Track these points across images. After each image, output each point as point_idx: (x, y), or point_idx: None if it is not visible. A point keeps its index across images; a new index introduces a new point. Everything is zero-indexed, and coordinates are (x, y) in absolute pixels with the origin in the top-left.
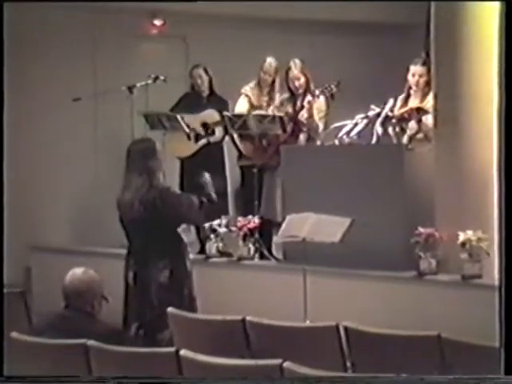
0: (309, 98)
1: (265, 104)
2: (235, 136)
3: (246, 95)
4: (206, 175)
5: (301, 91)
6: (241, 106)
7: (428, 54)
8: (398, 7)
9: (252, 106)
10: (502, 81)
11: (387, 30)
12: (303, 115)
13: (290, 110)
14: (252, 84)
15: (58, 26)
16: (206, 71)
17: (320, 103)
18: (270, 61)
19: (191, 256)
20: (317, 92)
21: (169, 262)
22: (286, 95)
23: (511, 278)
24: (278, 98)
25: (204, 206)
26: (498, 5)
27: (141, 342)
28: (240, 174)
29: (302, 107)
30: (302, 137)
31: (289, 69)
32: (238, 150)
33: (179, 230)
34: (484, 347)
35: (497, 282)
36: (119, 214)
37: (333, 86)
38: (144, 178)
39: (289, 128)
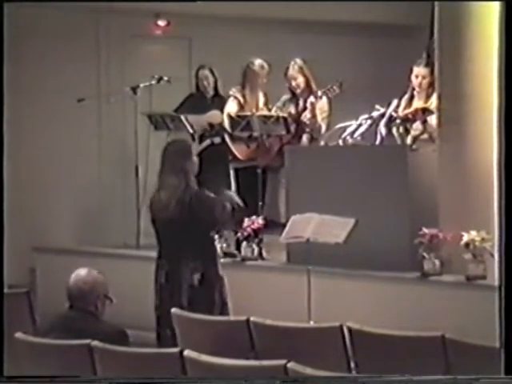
0: (311, 98)
1: (253, 105)
2: (228, 140)
3: (235, 97)
4: (227, 192)
5: (299, 91)
6: (230, 109)
7: (429, 55)
8: (401, 8)
9: (242, 108)
10: (502, 80)
11: (391, 31)
12: (306, 116)
13: (292, 110)
14: (239, 86)
15: (62, 27)
16: (211, 72)
17: (322, 104)
18: (258, 61)
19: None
20: (319, 93)
21: (201, 264)
22: (287, 96)
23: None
24: (263, 98)
25: (235, 211)
26: (499, 5)
27: (172, 344)
28: (234, 177)
29: (305, 108)
30: (305, 137)
31: (287, 69)
32: (231, 152)
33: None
34: (489, 348)
35: (497, 282)
36: (151, 215)
37: (335, 87)
38: (180, 178)
39: (292, 129)
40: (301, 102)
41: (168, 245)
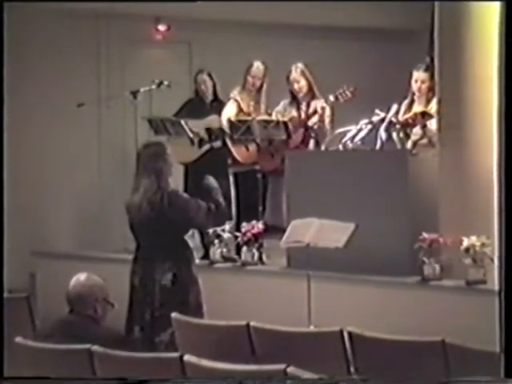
0: (322, 103)
1: (252, 109)
2: (228, 142)
3: (235, 100)
4: (211, 179)
5: (301, 95)
6: (229, 111)
7: (432, 60)
8: (401, 13)
9: (241, 111)
10: (502, 85)
11: (391, 36)
12: (312, 121)
13: (294, 114)
14: (239, 88)
15: (62, 31)
16: (210, 76)
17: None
18: (258, 64)
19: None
20: (331, 97)
21: (173, 265)
22: (287, 100)
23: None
24: (263, 102)
25: (212, 212)
26: (499, 5)
27: (139, 344)
28: (234, 181)
29: (315, 112)
30: (312, 143)
31: (289, 72)
32: (232, 156)
33: (185, 236)
34: (489, 352)
35: (497, 287)
36: (128, 219)
37: (348, 92)
38: (152, 179)
39: (299, 133)
40: (303, 106)
41: (143, 247)
